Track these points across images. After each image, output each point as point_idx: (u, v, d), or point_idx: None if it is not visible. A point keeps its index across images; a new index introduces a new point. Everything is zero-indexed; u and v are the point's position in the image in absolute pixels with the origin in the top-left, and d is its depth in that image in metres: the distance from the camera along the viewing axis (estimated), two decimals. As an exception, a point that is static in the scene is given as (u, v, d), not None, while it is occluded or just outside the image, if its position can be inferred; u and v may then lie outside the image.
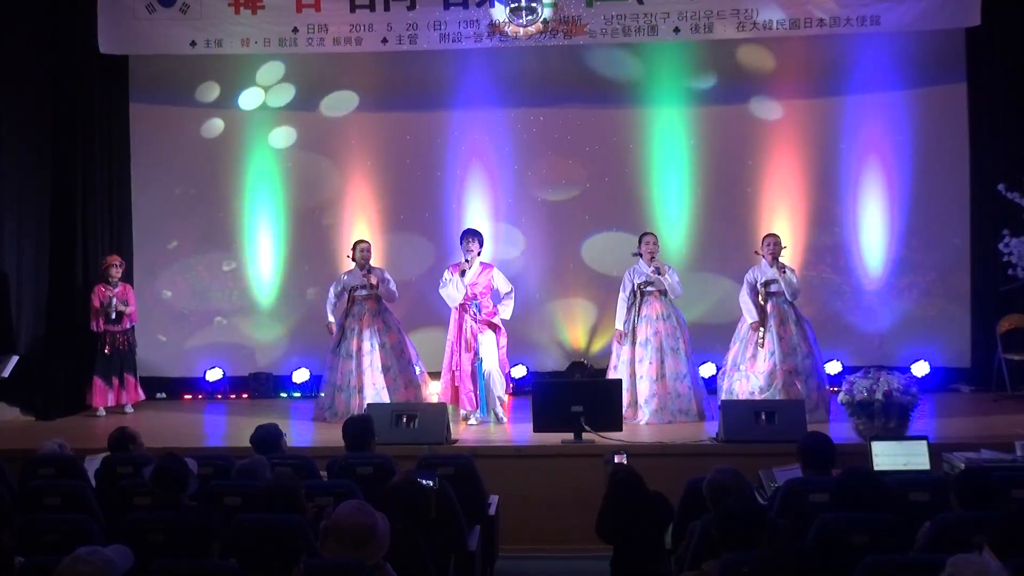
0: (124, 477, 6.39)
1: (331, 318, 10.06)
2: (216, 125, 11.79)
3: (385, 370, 9.81)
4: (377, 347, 9.86)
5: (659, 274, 9.67)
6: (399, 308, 10.34)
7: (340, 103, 11.77)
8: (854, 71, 11.33)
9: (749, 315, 9.61)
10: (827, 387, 9.60)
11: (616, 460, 6.52)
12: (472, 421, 9.61)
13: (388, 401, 9.47)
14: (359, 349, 9.84)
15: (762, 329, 9.42)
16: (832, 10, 10.36)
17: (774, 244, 9.62)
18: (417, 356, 10.10)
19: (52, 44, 11.18)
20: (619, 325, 9.82)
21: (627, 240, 10.74)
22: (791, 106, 11.50)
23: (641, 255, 9.79)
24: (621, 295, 9.84)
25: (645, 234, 9.97)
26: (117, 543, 4.57)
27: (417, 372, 10.00)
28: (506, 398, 9.83)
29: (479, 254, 9.79)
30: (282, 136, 11.80)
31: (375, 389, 9.73)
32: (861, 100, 11.35)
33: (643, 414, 9.54)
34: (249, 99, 11.76)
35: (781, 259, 9.60)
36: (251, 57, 11.39)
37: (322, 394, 10.08)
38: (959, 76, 11.18)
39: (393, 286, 10.02)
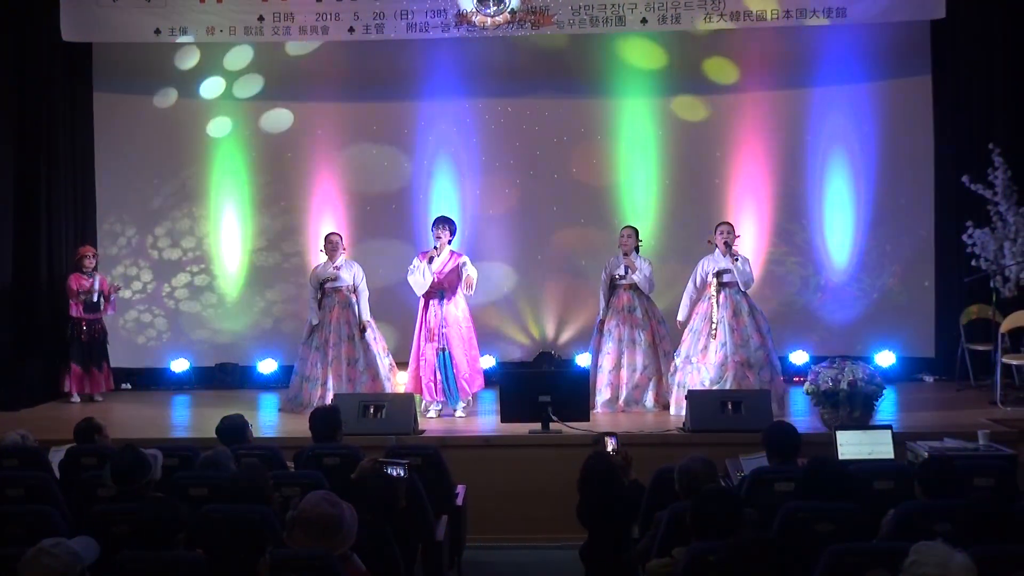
0: (89, 468, 6.34)
1: (312, 319, 9.95)
2: (181, 114, 11.68)
3: (352, 362, 9.77)
4: (345, 339, 9.81)
5: (627, 271, 9.69)
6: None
7: (306, 93, 11.68)
8: (820, 63, 11.37)
9: (682, 312, 9.67)
10: (780, 379, 9.52)
11: (609, 445, 6.43)
12: (431, 413, 9.53)
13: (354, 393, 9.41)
14: (326, 341, 9.81)
15: (714, 318, 9.40)
16: (799, 1, 10.40)
17: (727, 232, 9.55)
18: (387, 350, 10.07)
19: (14, 32, 11.05)
20: (601, 314, 9.90)
21: (595, 231, 10.75)
22: (758, 98, 11.53)
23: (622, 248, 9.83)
24: (601, 287, 9.92)
25: (624, 227, 10.03)
26: (82, 535, 4.53)
27: (387, 365, 9.97)
28: (470, 398, 9.72)
29: (450, 242, 9.69)
30: (247, 125, 11.71)
31: (340, 382, 9.69)
32: (827, 92, 11.40)
33: (595, 403, 9.57)
34: (214, 87, 11.67)
35: (735, 248, 9.54)
36: (216, 45, 11.29)
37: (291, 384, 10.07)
38: (924, 68, 11.24)
39: (364, 299, 9.95)
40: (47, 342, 10.99)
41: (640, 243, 9.92)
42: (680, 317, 9.70)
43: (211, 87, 11.67)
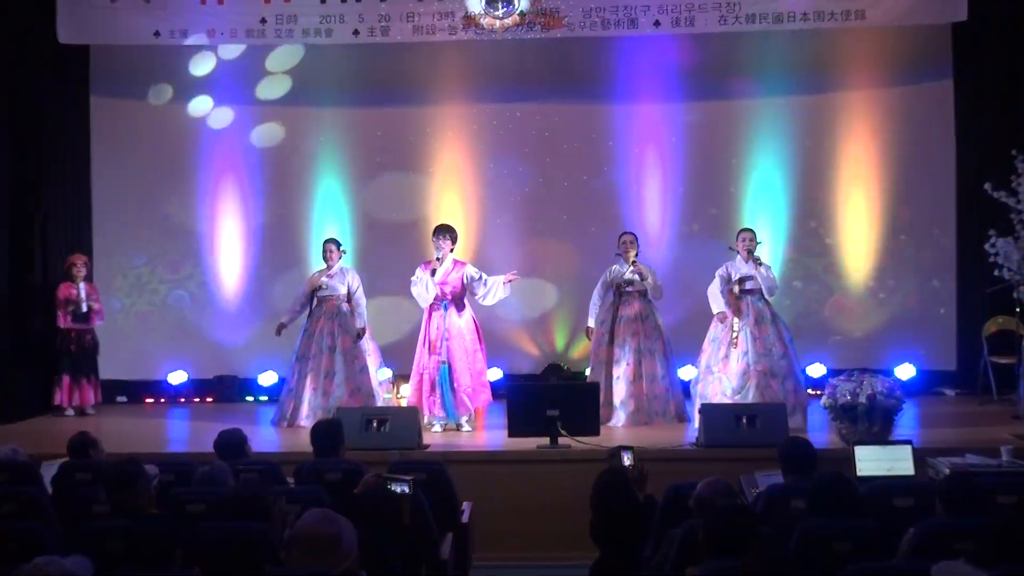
0: (83, 484, 6.22)
1: (283, 318, 9.92)
2: (180, 119, 11.56)
3: (329, 375, 9.61)
4: (326, 350, 9.64)
5: (641, 278, 9.53)
6: (371, 308, 10.11)
7: (308, 98, 11.57)
8: (839, 67, 11.29)
9: (716, 305, 9.42)
10: (805, 390, 9.41)
11: (625, 459, 6.24)
12: (436, 428, 9.34)
13: (327, 407, 9.31)
14: (307, 351, 9.67)
15: (735, 326, 9.23)
16: (816, 4, 10.29)
17: (749, 239, 9.43)
18: (381, 362, 9.91)
19: (9, 34, 10.99)
20: (591, 322, 9.75)
21: (606, 239, 10.58)
22: (775, 103, 11.41)
23: (622, 255, 9.63)
24: (595, 291, 9.76)
25: (623, 233, 9.88)
26: (75, 553, 4.44)
27: (379, 380, 9.79)
28: (472, 413, 9.52)
29: (451, 251, 9.50)
30: (247, 132, 11.62)
31: (316, 395, 9.56)
32: (846, 97, 11.33)
33: (619, 416, 9.45)
34: (213, 92, 11.53)
35: (757, 255, 9.40)
36: (217, 48, 11.19)
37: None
38: (945, 73, 11.15)
39: (361, 306, 9.81)
40: (40, 353, 10.91)
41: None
42: (715, 309, 9.41)
43: (211, 92, 11.52)
